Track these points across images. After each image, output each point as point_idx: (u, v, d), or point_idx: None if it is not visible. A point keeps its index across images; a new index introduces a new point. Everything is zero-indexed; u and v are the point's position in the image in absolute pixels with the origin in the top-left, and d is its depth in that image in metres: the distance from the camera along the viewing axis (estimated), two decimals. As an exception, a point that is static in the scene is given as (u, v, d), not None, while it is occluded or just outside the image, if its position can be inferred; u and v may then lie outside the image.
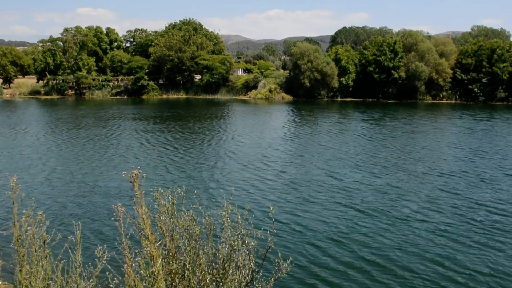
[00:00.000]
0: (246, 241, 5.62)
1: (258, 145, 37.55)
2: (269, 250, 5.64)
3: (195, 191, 6.49)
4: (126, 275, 5.61)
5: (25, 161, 31.42)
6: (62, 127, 48.93)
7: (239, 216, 5.67)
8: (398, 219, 19.83)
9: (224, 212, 5.76)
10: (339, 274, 14.84)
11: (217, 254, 5.80)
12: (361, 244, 17.10)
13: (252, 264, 5.64)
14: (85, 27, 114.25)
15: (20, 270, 6.37)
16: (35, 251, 6.32)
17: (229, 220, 5.72)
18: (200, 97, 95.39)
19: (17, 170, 28.19)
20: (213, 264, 5.80)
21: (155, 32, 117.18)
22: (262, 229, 5.89)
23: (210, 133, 44.86)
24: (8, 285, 9.09)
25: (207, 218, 5.95)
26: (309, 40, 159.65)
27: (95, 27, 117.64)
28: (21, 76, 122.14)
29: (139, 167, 5.77)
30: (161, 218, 5.82)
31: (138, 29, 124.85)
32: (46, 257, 6.33)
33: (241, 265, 5.63)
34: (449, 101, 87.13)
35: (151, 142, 39.16)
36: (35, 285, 6.24)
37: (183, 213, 5.95)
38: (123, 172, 5.81)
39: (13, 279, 6.64)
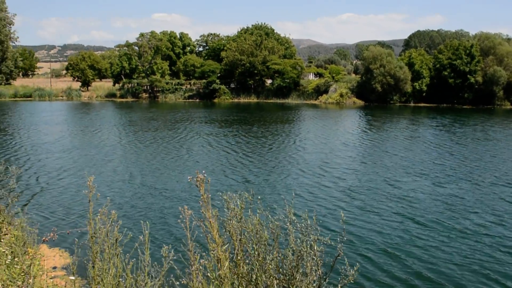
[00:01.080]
0: (314, 247, 5.52)
1: (321, 151, 36.89)
2: (338, 257, 5.51)
3: (259, 197, 6.43)
4: (192, 276, 5.64)
5: (90, 161, 32.38)
6: (131, 129, 50.30)
7: (308, 222, 5.58)
8: (459, 232, 18.57)
9: (292, 217, 5.69)
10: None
11: (285, 260, 5.73)
12: (418, 257, 16.06)
13: (319, 270, 5.54)
14: (160, 32, 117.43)
15: (93, 267, 6.54)
16: (108, 249, 6.48)
17: (297, 226, 5.64)
18: (271, 101, 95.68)
19: (85, 169, 29.07)
20: (280, 269, 5.74)
21: (227, 36, 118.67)
22: (330, 235, 5.77)
23: (274, 137, 44.65)
24: (82, 281, 9.37)
25: (274, 222, 5.89)
26: (381, 44, 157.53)
27: (169, 32, 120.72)
28: (98, 80, 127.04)
29: (204, 171, 5.79)
30: (231, 221, 5.81)
31: (211, 34, 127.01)
32: (117, 255, 6.48)
33: (308, 271, 5.54)
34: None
35: (214, 145, 39.36)
36: (106, 281, 6.39)
37: (250, 217, 5.92)
38: (189, 177, 5.85)
39: (87, 275, 6.83)
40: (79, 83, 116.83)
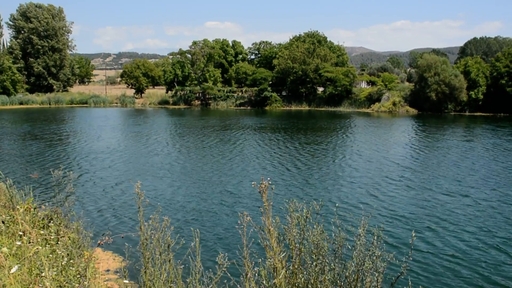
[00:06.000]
0: (377, 263, 5.32)
1: (370, 162, 36.15)
2: (400, 276, 5.27)
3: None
4: (245, 284, 5.54)
5: (144, 166, 32.69)
6: (179, 135, 50.76)
7: (375, 238, 5.39)
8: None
9: (360, 230, 5.51)
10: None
11: (344, 272, 5.55)
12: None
13: (379, 286, 5.33)
14: (212, 40, 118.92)
15: (145, 272, 6.55)
16: (159, 255, 6.48)
17: (362, 239, 5.45)
18: (322, 109, 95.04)
19: (139, 174, 29.43)
20: (338, 282, 5.56)
21: (280, 44, 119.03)
22: (395, 253, 5.56)
23: (323, 146, 43.66)
24: (133, 285, 9.45)
25: (339, 234, 5.72)
26: (436, 51, 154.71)
27: (221, 40, 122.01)
28: (152, 87, 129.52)
29: (269, 179, 5.68)
30: (292, 230, 5.67)
31: (263, 42, 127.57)
32: (169, 261, 6.47)
33: (368, 286, 5.34)
34: None
35: (259, 152, 39.03)
36: (158, 287, 6.39)
37: (311, 226, 5.76)
38: (252, 183, 5.74)
39: (138, 280, 6.84)
40: (133, 90, 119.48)
